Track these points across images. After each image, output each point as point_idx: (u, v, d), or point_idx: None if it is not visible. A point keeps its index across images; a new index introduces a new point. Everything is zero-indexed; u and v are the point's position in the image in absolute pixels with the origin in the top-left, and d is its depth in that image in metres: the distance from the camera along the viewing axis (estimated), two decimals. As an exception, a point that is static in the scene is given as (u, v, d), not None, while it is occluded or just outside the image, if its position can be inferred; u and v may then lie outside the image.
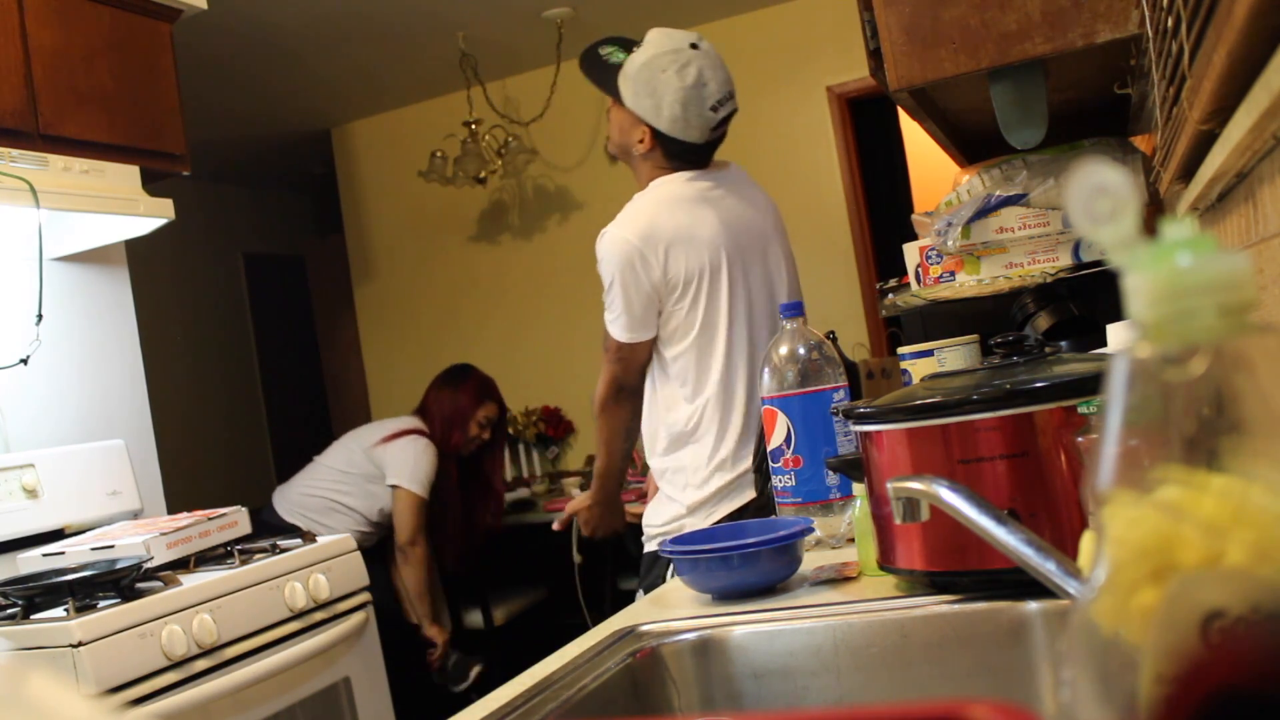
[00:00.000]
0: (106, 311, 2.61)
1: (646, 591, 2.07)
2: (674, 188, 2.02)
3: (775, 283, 2.10)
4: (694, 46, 2.00)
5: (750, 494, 1.95)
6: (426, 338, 5.27)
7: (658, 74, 1.98)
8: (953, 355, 1.62)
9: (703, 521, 1.98)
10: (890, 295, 2.18)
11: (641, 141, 2.04)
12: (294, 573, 2.09)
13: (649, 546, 2.09)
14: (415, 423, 3.48)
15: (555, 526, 2.35)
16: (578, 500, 2.27)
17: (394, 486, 3.36)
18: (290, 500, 3.36)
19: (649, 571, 2.10)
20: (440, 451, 3.45)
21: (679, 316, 1.99)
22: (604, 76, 2.07)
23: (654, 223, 1.97)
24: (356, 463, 3.39)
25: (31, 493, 2.20)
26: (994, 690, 0.93)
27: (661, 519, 2.04)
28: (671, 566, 2.01)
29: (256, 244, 6.33)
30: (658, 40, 2.02)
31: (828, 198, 4.54)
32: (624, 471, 2.22)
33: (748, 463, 1.97)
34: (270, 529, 2.62)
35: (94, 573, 1.82)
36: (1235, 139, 0.73)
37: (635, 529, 2.20)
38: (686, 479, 2.01)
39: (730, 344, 2.01)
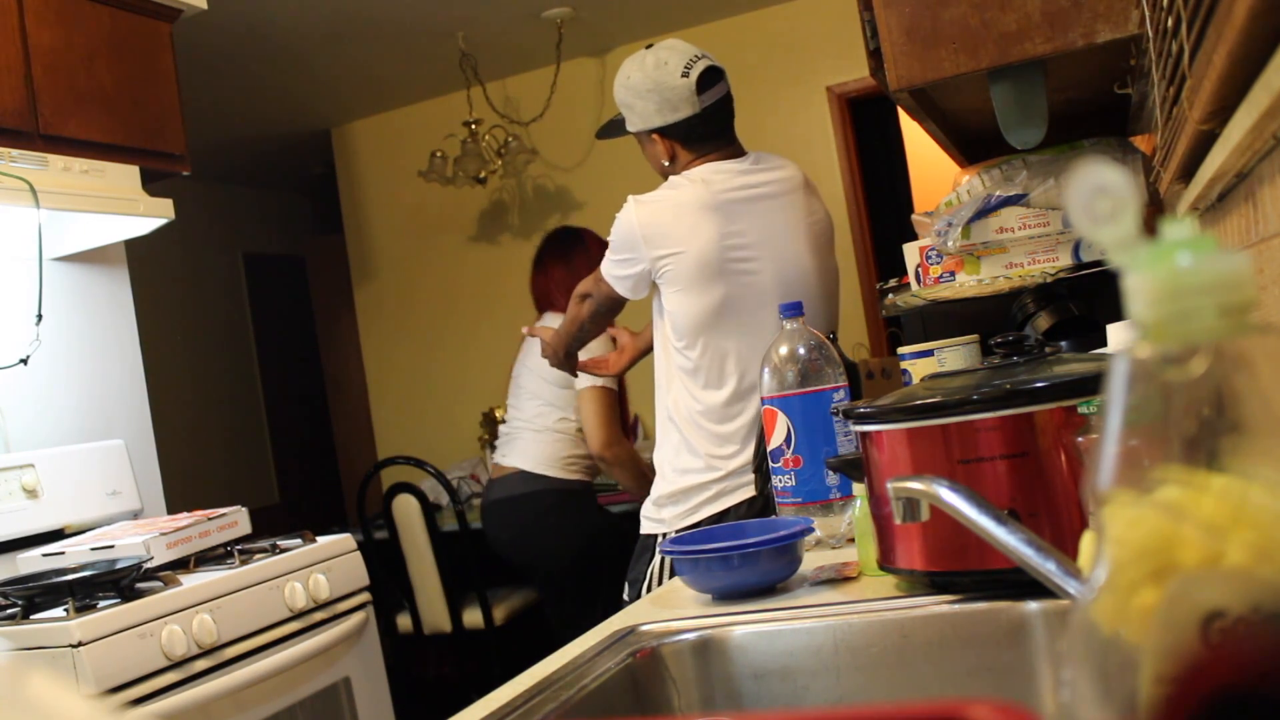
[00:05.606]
0: (106, 311, 2.61)
1: (631, 587, 2.08)
2: (690, 191, 2.02)
3: (788, 292, 2.08)
4: (648, 46, 2.11)
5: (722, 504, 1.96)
6: (426, 337, 5.27)
7: (628, 83, 2.09)
8: (953, 355, 1.62)
9: (682, 517, 1.99)
10: (890, 295, 2.18)
11: (664, 154, 2.10)
12: (294, 573, 2.09)
13: (644, 527, 2.09)
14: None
15: (525, 331, 2.59)
16: (548, 330, 2.40)
17: (581, 391, 2.93)
18: (527, 455, 3.01)
19: (635, 562, 2.10)
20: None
21: (670, 305, 2.03)
22: (616, 127, 2.20)
23: (654, 221, 2.01)
24: (545, 381, 3.02)
25: (31, 493, 2.20)
26: (994, 690, 0.93)
27: (654, 495, 2.07)
28: (657, 561, 2.02)
29: (257, 244, 6.33)
30: (622, 66, 2.13)
31: (828, 198, 4.50)
32: (568, 346, 2.31)
33: (715, 465, 1.98)
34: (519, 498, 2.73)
35: (94, 573, 1.82)
36: (1235, 139, 0.73)
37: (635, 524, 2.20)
38: (663, 458, 2.05)
39: (705, 352, 2.00)
